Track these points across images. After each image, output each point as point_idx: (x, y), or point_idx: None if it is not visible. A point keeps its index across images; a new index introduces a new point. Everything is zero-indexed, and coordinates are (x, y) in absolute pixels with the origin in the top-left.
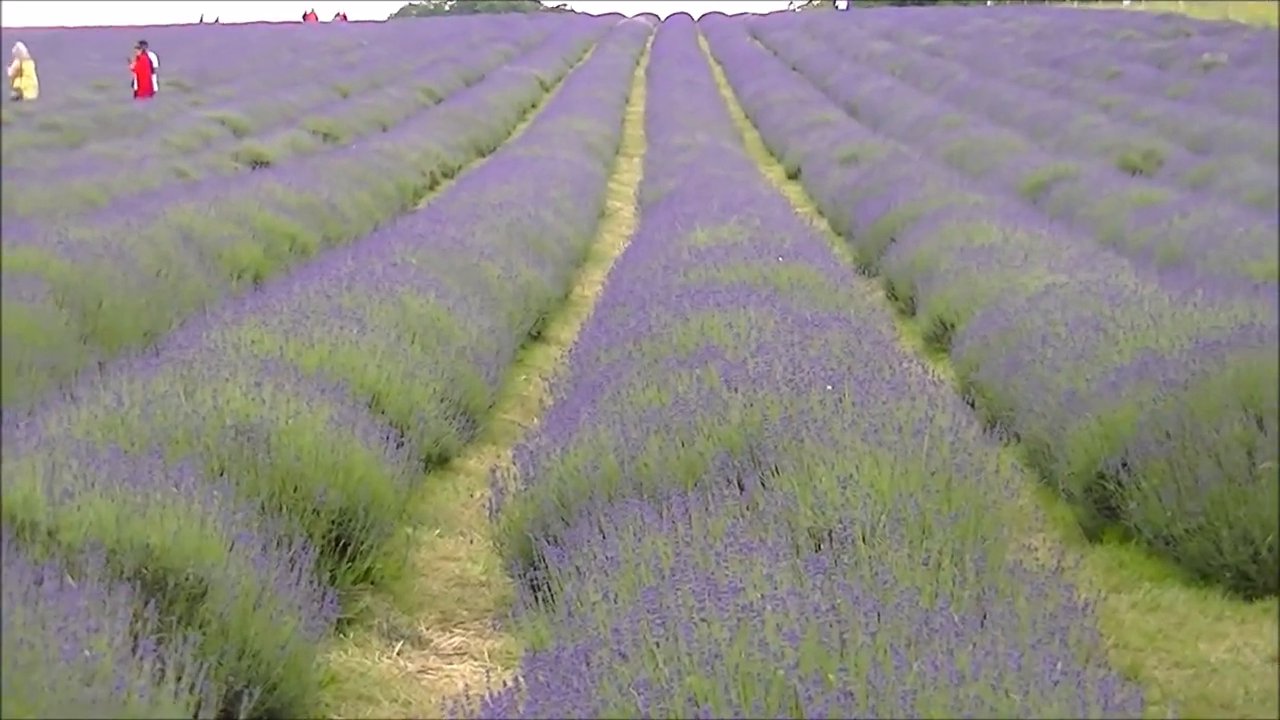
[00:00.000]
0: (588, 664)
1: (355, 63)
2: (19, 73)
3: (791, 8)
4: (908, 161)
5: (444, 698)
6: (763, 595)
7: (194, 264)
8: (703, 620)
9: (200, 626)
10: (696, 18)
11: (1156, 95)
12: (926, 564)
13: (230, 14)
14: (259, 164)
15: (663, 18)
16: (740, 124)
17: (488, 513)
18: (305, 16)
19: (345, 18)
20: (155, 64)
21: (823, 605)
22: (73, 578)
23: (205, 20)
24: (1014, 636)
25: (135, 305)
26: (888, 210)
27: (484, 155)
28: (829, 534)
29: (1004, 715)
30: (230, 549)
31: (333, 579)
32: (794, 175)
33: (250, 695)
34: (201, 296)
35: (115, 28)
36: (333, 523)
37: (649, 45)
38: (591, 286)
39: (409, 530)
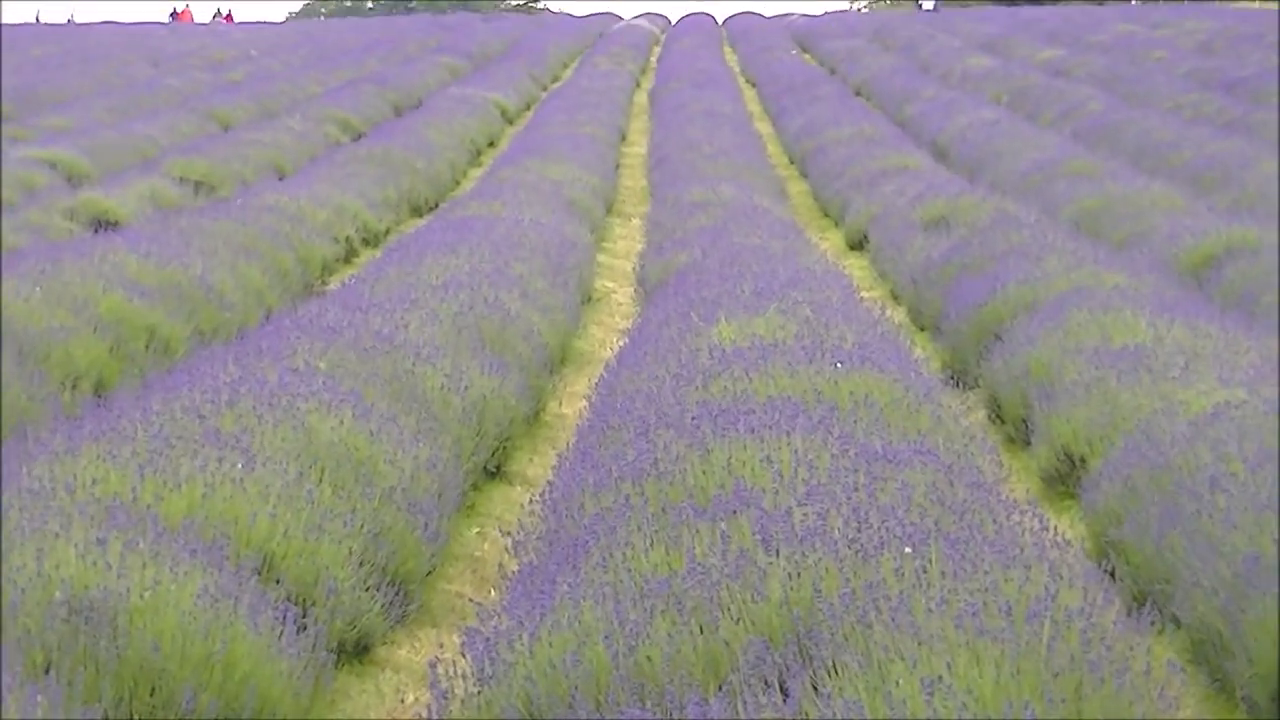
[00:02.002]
0: None
1: (241, 81)
2: None
3: (855, 7)
4: (1020, 225)
5: None
6: None
7: (10, 368)
8: None
9: None
10: (722, 20)
11: None
12: None
13: (90, 12)
14: (104, 225)
15: (674, 20)
16: (782, 171)
17: None
18: (175, 15)
19: (230, 18)
20: None
21: None
22: None
23: (74, 21)
24: None
25: None
26: (991, 295)
27: (421, 214)
28: None
29: None
30: None
31: None
32: (857, 245)
33: None
34: (20, 414)
35: None
36: None
37: (654, 58)
38: (573, 401)
39: None
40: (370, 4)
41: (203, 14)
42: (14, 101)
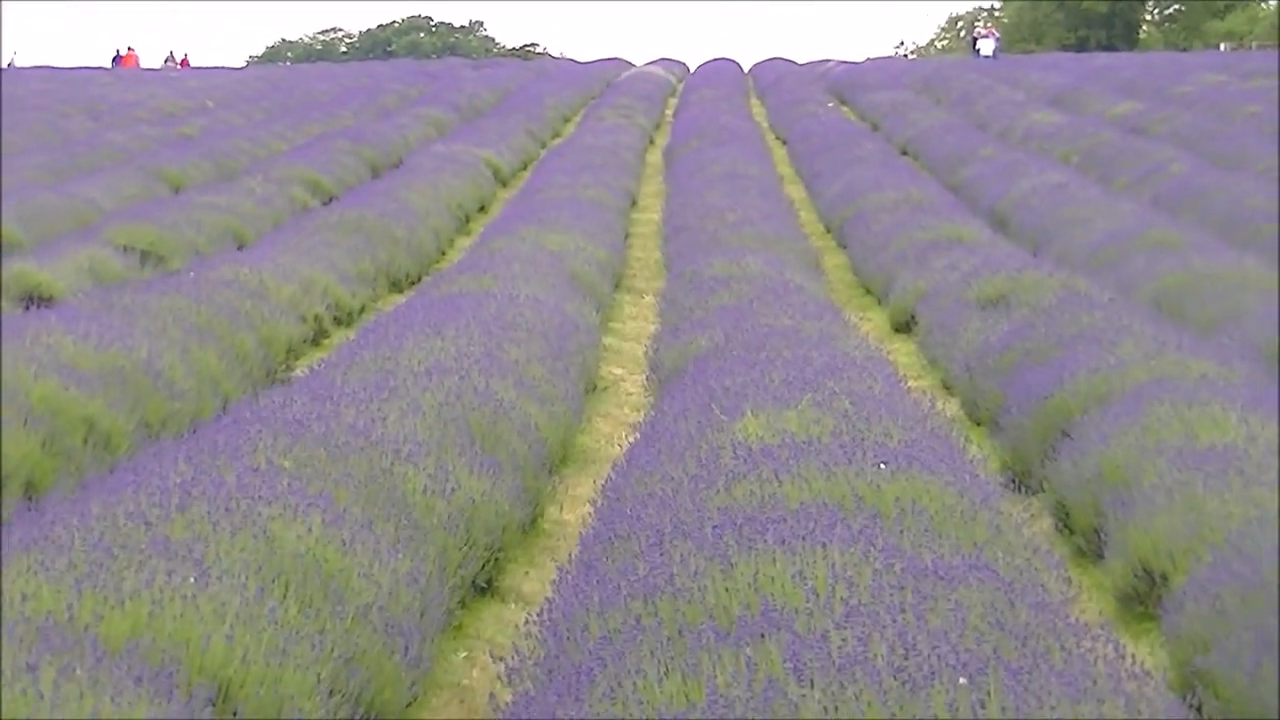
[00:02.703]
0: None
1: (195, 136)
2: None
3: (901, 53)
4: (1091, 306)
5: None
6: None
7: None
8: None
9: None
10: (748, 67)
11: None
12: None
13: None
14: (36, 301)
15: (692, 68)
16: (817, 242)
17: None
18: (118, 59)
19: (186, 63)
20: None
21: None
22: None
23: (14, 64)
24: None
25: None
26: (1059, 385)
27: (402, 290)
28: None
29: None
30: None
31: None
32: (903, 327)
33: None
34: None
35: None
36: None
37: (670, 111)
38: (575, 506)
39: None
40: (344, 48)
41: (152, 58)
42: None
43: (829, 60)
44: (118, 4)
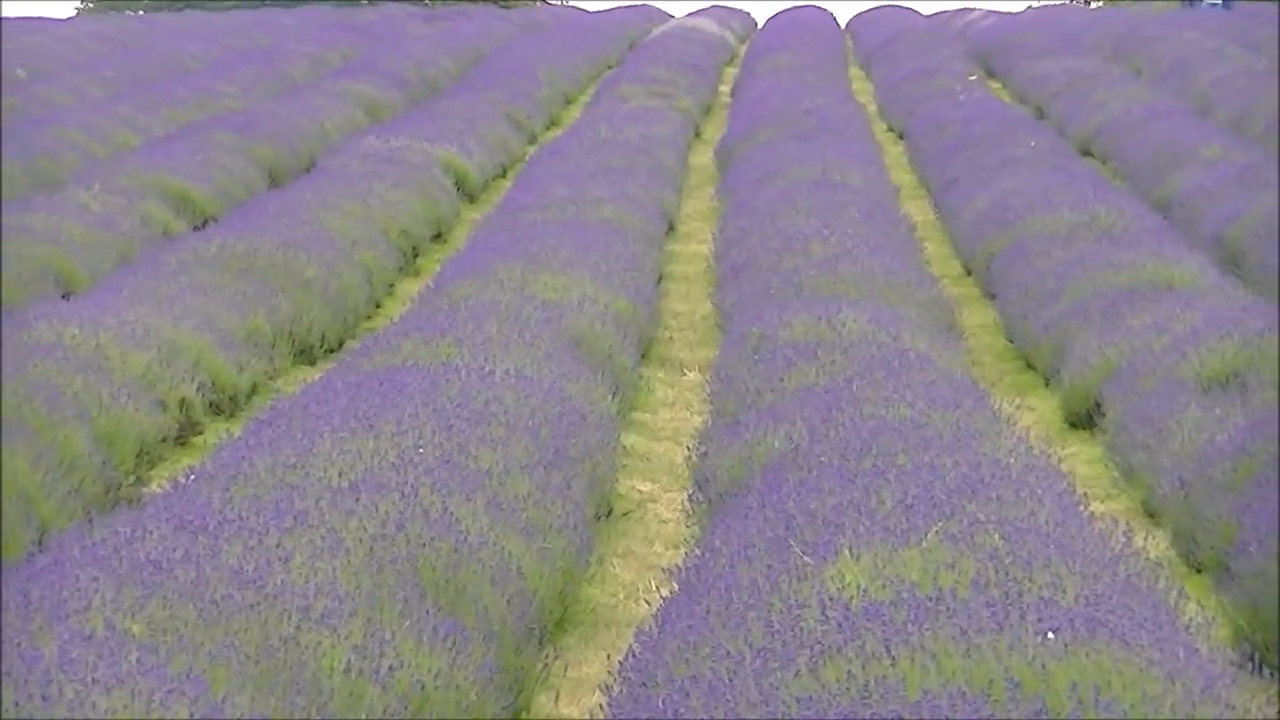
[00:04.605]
0: None
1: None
2: None
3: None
4: None
5: None
6: None
7: None
8: None
9: None
10: (845, 20)
11: None
12: None
13: None
14: None
15: (761, 20)
16: (951, 286)
17: None
18: None
19: None
20: None
21: None
22: None
23: None
24: None
25: None
26: None
27: (314, 361)
28: None
29: None
30: None
31: None
32: (1084, 419)
33: None
34: None
35: None
36: None
37: (726, 87)
38: (579, 694)
39: None
40: None
41: None
42: None
43: (969, 8)
44: None
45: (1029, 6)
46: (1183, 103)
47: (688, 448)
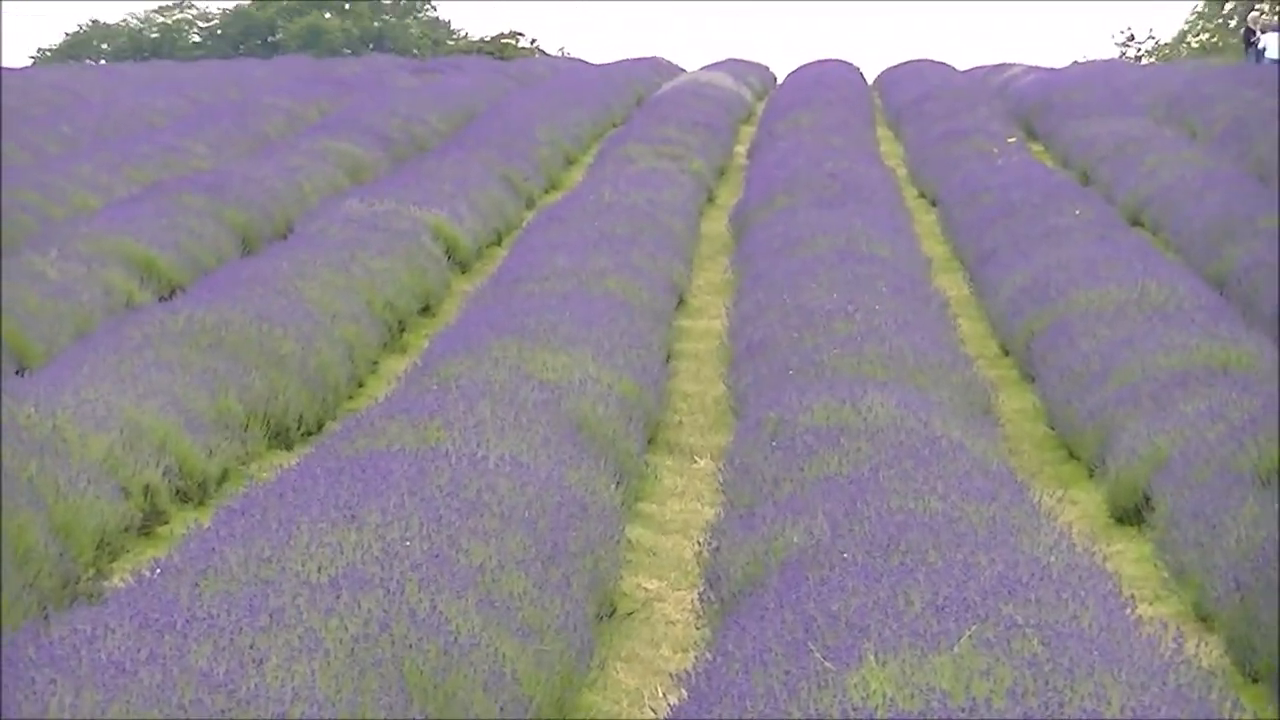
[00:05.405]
0: None
1: None
2: None
3: (1130, 53)
4: None
5: None
6: None
7: None
8: None
9: None
10: (873, 76)
11: None
12: None
13: None
14: None
15: (780, 75)
16: (987, 367)
17: None
18: None
19: None
20: None
21: None
22: None
23: None
24: None
25: None
26: None
27: (291, 445)
28: None
29: None
30: None
31: None
32: (1132, 514)
33: None
34: None
35: None
36: None
37: (743, 148)
38: None
39: None
40: (197, 36)
41: None
42: None
43: (1009, 63)
44: None
45: (1074, 62)
46: (1241, 169)
47: (698, 542)
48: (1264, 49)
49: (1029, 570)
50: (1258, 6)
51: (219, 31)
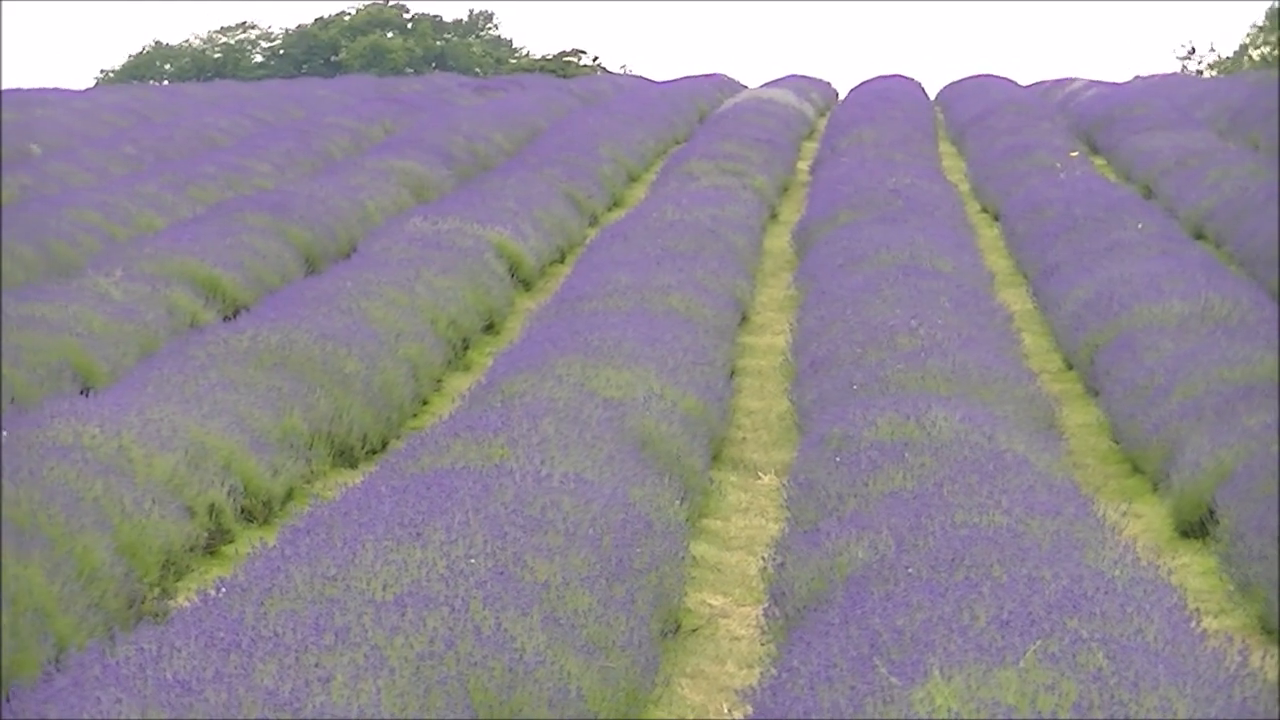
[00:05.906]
0: None
1: (11, 201)
2: None
3: (1192, 66)
4: None
5: None
6: None
7: None
8: None
9: None
10: (935, 91)
11: None
12: None
13: None
14: None
15: (842, 92)
16: (1051, 382)
17: None
18: None
19: None
20: None
21: None
22: None
23: None
24: None
25: None
26: None
27: (356, 464)
28: None
29: None
30: None
31: None
32: (1197, 527)
33: None
34: None
35: None
36: None
37: (805, 164)
38: None
39: None
40: (259, 56)
41: None
42: None
43: (1071, 78)
44: None
45: (1136, 76)
46: None
47: (763, 558)
48: None
49: (1094, 584)
50: None
51: (281, 51)
